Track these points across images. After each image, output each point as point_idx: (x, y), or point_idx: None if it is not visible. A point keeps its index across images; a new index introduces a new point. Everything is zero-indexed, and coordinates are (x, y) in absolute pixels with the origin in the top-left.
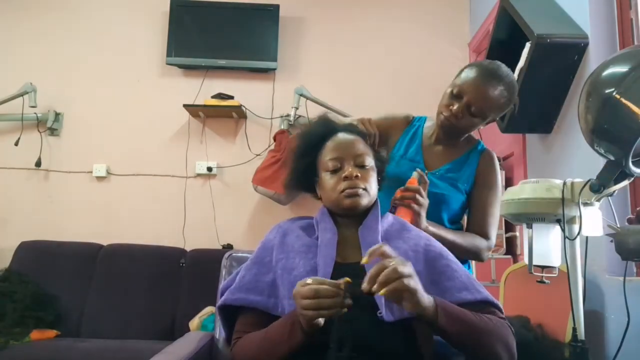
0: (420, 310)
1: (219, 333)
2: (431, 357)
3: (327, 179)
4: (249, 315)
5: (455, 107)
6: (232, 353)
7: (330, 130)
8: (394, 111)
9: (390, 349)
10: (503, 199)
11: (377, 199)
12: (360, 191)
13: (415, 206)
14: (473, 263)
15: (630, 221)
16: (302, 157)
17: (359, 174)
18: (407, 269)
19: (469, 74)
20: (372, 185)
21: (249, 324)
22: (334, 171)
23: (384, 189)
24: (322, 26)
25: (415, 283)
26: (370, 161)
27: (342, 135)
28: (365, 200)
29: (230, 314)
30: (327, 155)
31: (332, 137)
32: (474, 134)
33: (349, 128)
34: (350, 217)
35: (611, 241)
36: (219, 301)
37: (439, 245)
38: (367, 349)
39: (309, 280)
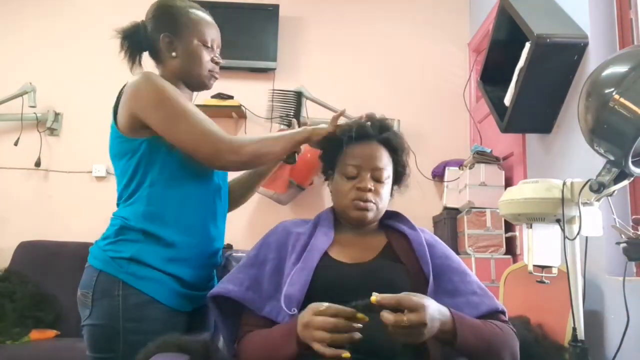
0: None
1: (218, 332)
2: (438, 357)
3: (342, 183)
4: (251, 314)
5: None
6: (238, 348)
7: (362, 134)
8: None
9: (395, 349)
10: (503, 199)
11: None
12: (370, 205)
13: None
14: (473, 264)
15: (636, 221)
16: (328, 149)
17: (372, 188)
18: (423, 330)
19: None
20: (383, 199)
21: (251, 322)
22: (350, 178)
23: None
24: (322, 26)
25: (428, 332)
26: (387, 175)
27: (367, 144)
28: (371, 215)
29: (226, 307)
30: (347, 159)
31: (360, 140)
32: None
33: (383, 136)
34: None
35: (617, 243)
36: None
37: (443, 248)
38: (371, 348)
39: (322, 307)
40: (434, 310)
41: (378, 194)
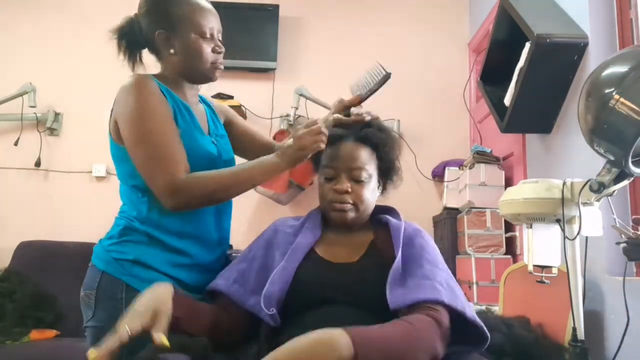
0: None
1: None
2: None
3: (322, 184)
4: (233, 303)
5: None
6: None
7: (339, 135)
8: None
9: None
10: (503, 199)
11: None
12: (348, 206)
13: None
14: (473, 264)
15: (636, 221)
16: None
17: (349, 190)
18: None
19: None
20: (364, 199)
21: (230, 307)
22: (328, 179)
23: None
24: (322, 26)
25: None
26: (367, 175)
27: (345, 144)
28: (351, 215)
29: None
30: (325, 161)
31: (337, 142)
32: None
33: (360, 134)
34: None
35: (617, 243)
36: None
37: (422, 241)
38: None
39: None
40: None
41: (357, 195)
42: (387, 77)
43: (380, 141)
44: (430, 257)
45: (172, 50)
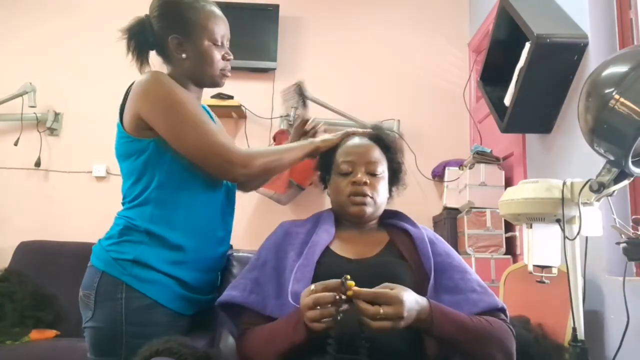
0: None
1: (219, 332)
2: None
3: (338, 181)
4: (254, 313)
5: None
6: (239, 344)
7: (353, 134)
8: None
9: (397, 349)
10: (503, 199)
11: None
12: (367, 200)
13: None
14: (473, 264)
15: (636, 221)
16: (322, 155)
17: (367, 181)
18: (400, 322)
19: None
20: (381, 194)
21: (253, 321)
22: (345, 174)
23: None
24: (322, 26)
25: (405, 322)
26: (382, 169)
27: (358, 140)
28: (370, 209)
29: (234, 311)
30: (340, 158)
31: (350, 139)
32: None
33: (373, 133)
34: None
35: (617, 243)
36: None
37: (444, 245)
38: (373, 349)
39: (312, 287)
40: (412, 302)
41: (374, 188)
42: (298, 86)
43: (390, 142)
44: (455, 262)
45: (184, 55)
